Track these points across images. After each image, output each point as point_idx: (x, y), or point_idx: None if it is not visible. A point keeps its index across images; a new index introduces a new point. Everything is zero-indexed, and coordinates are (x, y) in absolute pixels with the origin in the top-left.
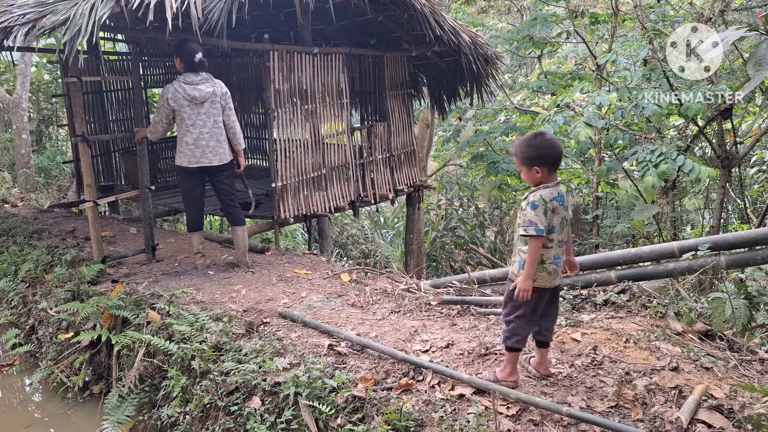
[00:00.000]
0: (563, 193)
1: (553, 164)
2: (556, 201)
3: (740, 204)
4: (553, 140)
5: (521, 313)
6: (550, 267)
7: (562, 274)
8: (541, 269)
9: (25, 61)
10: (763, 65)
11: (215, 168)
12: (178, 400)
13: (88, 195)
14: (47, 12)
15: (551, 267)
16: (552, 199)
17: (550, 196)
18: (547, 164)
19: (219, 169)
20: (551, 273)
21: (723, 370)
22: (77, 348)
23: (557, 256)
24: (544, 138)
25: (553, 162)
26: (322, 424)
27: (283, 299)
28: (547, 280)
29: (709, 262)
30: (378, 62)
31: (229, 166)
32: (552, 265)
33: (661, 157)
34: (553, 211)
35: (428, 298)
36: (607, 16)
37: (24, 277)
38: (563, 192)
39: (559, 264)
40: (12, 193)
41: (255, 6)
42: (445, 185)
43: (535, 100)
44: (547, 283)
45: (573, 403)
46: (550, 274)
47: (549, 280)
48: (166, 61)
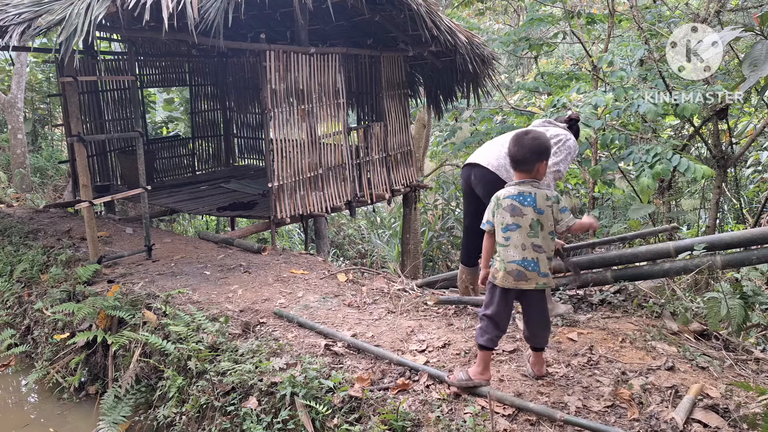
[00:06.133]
0: (529, 193)
1: (515, 163)
2: (512, 199)
3: (736, 204)
4: (516, 139)
5: (489, 312)
6: (510, 267)
7: (539, 279)
8: (501, 267)
9: (21, 61)
10: (759, 66)
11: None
12: (174, 400)
13: (84, 195)
14: (43, 11)
15: (511, 267)
16: (507, 197)
17: (505, 194)
18: (512, 163)
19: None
20: (511, 273)
21: (718, 370)
22: (73, 348)
23: (524, 259)
24: (513, 137)
25: (515, 161)
26: (318, 424)
27: (279, 299)
28: (508, 280)
29: (705, 262)
30: (374, 62)
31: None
32: (512, 265)
33: (657, 158)
34: (507, 209)
35: (425, 298)
36: (603, 17)
37: (19, 277)
38: (529, 192)
39: (528, 267)
40: (7, 193)
41: (251, 6)
42: (442, 185)
43: (531, 100)
44: (509, 284)
45: (569, 403)
46: (509, 273)
47: (510, 281)
48: (162, 61)
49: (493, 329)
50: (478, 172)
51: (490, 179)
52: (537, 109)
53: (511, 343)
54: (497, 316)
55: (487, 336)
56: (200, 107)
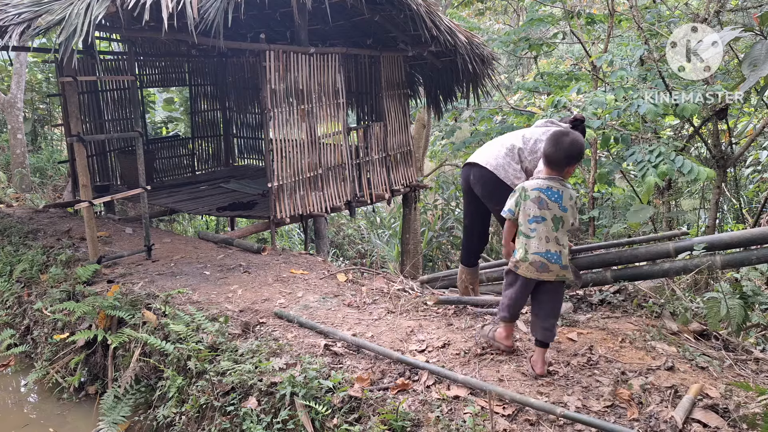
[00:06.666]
0: (557, 190)
1: (547, 161)
2: (540, 192)
3: (736, 204)
4: (554, 139)
5: (509, 293)
6: (534, 258)
7: (560, 272)
8: (524, 258)
9: (21, 61)
10: (759, 66)
11: None
12: (174, 400)
13: (84, 195)
14: (42, 11)
15: (534, 258)
16: (534, 189)
17: (533, 186)
18: (544, 159)
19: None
20: (534, 264)
21: (718, 370)
22: (73, 348)
23: (548, 252)
24: (551, 136)
25: (548, 159)
26: (318, 424)
27: (279, 299)
28: (531, 271)
29: (705, 262)
30: (374, 62)
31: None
32: (535, 257)
33: (660, 158)
34: (535, 201)
35: (424, 298)
36: (603, 17)
37: (19, 277)
38: (557, 189)
39: (551, 259)
40: (7, 193)
41: (251, 6)
42: (442, 185)
43: (531, 100)
44: (531, 274)
45: (569, 402)
46: (532, 264)
47: (533, 272)
48: (162, 61)
49: (511, 308)
50: (477, 171)
51: (489, 178)
52: (537, 109)
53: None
54: (515, 302)
55: (503, 313)
56: (200, 107)
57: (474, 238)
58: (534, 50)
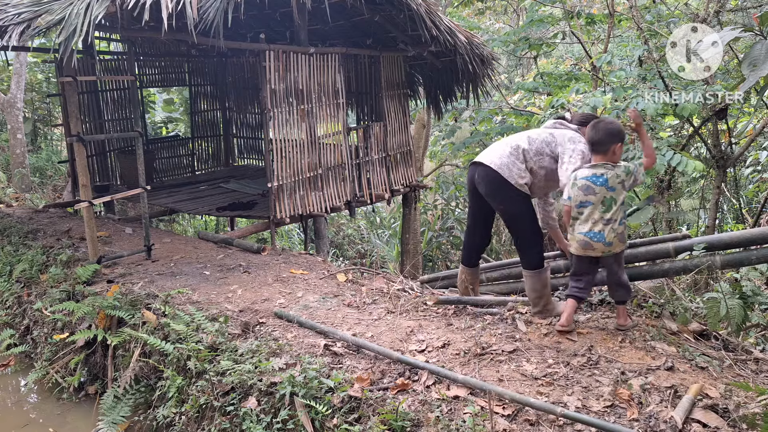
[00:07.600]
0: (602, 174)
1: (592, 146)
2: (586, 180)
3: (735, 204)
4: (592, 125)
5: (573, 271)
6: (579, 237)
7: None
8: (572, 238)
9: (20, 61)
10: (758, 66)
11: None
12: (173, 400)
13: (84, 195)
14: (42, 11)
15: (579, 238)
16: (582, 177)
17: (581, 174)
18: (590, 146)
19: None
20: (579, 242)
21: (718, 370)
22: (72, 348)
23: (591, 231)
24: (590, 124)
25: (592, 144)
26: (318, 424)
27: (279, 299)
28: (578, 249)
29: (705, 262)
30: (374, 62)
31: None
32: (580, 236)
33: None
34: (582, 189)
35: (424, 298)
36: (603, 17)
37: (19, 277)
38: (602, 174)
39: (593, 238)
40: (7, 193)
41: (251, 6)
42: (442, 185)
43: (531, 100)
44: (578, 251)
45: (569, 402)
46: (578, 243)
47: (579, 249)
48: (162, 61)
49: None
50: (481, 170)
51: (493, 178)
52: (537, 110)
53: (510, 343)
54: (580, 275)
55: (574, 289)
56: (200, 107)
57: (476, 237)
58: (534, 50)
